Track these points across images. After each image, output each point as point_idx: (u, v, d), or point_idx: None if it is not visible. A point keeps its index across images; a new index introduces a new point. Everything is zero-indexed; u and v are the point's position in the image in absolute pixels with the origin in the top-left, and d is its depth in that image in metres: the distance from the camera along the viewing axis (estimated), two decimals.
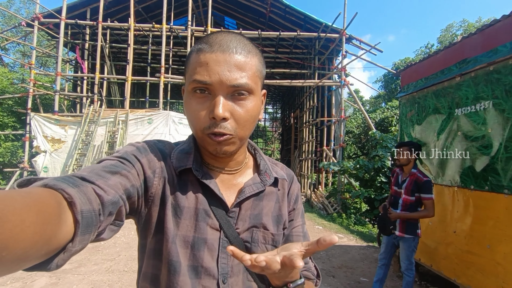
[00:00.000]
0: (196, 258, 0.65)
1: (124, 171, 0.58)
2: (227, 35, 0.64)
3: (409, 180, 3.01)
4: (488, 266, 2.76)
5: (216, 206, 0.68)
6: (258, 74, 0.67)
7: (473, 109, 3.02)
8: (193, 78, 0.62)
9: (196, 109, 0.63)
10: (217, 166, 0.73)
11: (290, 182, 0.84)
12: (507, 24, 2.71)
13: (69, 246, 0.43)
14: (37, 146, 10.20)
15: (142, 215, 0.65)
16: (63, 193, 0.42)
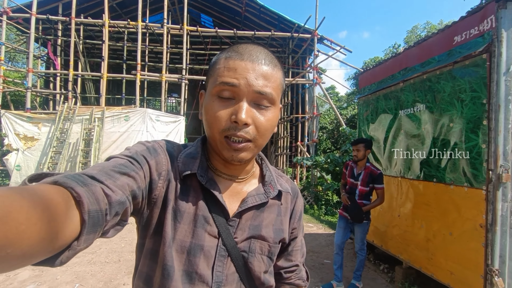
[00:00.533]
0: (191, 264, 0.65)
1: (133, 172, 0.58)
2: (256, 46, 0.67)
3: (364, 173, 3.43)
4: (422, 243, 3.30)
5: (217, 213, 0.68)
6: (281, 87, 0.69)
7: (412, 111, 3.54)
8: (220, 81, 0.63)
9: (218, 111, 0.63)
10: (224, 172, 0.73)
11: (294, 197, 0.85)
12: (436, 40, 3.23)
13: (74, 244, 0.43)
14: (8, 144, 9.99)
15: (144, 216, 0.66)
16: (72, 191, 0.43)
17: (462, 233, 2.79)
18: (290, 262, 0.86)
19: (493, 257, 2.48)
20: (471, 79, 2.73)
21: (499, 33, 2.51)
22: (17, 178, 9.84)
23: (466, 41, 2.83)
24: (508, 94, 2.50)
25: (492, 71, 2.54)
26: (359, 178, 3.46)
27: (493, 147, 2.51)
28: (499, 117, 2.50)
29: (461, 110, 2.83)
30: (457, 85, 2.89)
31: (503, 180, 2.47)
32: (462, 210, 2.80)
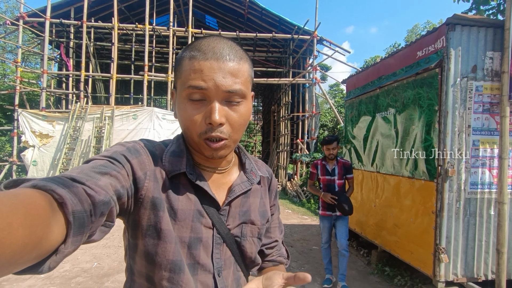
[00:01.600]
0: (193, 256, 0.68)
1: (114, 171, 0.58)
2: (219, 42, 0.66)
3: (339, 167, 3.60)
4: (391, 228, 3.83)
5: (208, 205, 0.71)
6: (250, 79, 0.70)
7: (385, 114, 4.05)
8: (188, 84, 0.63)
9: (191, 115, 0.65)
10: (208, 166, 0.76)
11: (270, 178, 0.90)
12: (405, 53, 3.72)
13: (61, 247, 0.42)
14: (25, 141, 10.67)
15: (131, 216, 0.66)
16: (53, 193, 0.42)
17: (420, 219, 3.31)
18: (270, 238, 0.90)
19: (440, 237, 3.00)
20: (427, 89, 3.23)
21: (448, 51, 3.00)
22: (34, 173, 10.55)
23: (425, 56, 3.32)
24: (455, 102, 3.00)
25: (442, 83, 3.04)
26: (335, 173, 3.58)
27: (442, 146, 3.02)
28: (447, 122, 3.00)
29: (420, 115, 3.33)
30: (418, 94, 3.39)
31: (449, 174, 2.97)
32: (420, 199, 3.31)
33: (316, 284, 3.82)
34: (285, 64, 14.37)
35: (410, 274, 3.82)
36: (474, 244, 3.06)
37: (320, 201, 3.67)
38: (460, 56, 3.00)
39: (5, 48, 19.19)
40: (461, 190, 3.03)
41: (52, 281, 3.75)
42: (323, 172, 3.65)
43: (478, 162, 3.05)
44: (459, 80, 3.00)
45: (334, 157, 3.61)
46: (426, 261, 3.14)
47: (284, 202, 9.82)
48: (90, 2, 11.81)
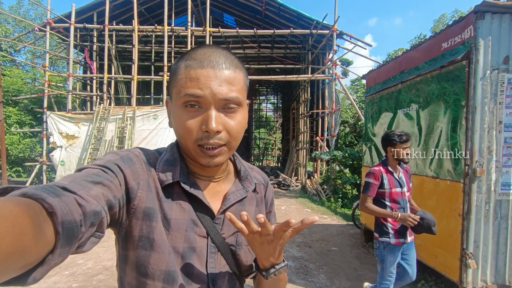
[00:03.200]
0: (187, 266, 0.67)
1: (107, 181, 0.57)
2: (214, 50, 0.67)
3: (404, 174, 2.69)
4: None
5: (202, 214, 0.70)
6: (245, 87, 0.70)
7: (408, 110, 3.84)
8: (184, 92, 0.63)
9: (188, 123, 0.64)
10: (203, 174, 0.75)
11: (266, 186, 0.88)
12: (428, 45, 3.51)
13: (49, 258, 0.41)
14: (53, 142, 11.17)
15: (123, 226, 0.65)
16: (43, 203, 0.41)
17: (445, 222, 3.11)
18: None
19: (468, 242, 2.80)
20: (453, 83, 3.02)
21: (476, 41, 2.78)
22: (62, 172, 11.02)
23: (451, 48, 3.11)
24: (484, 97, 2.78)
25: (470, 76, 2.82)
26: (404, 183, 2.64)
27: (470, 144, 2.81)
28: (476, 118, 2.79)
29: (446, 111, 3.13)
30: (443, 88, 3.18)
31: (478, 174, 2.77)
32: (446, 201, 3.12)
33: (334, 287, 3.71)
34: (304, 60, 14.13)
35: (435, 279, 3.62)
36: (505, 249, 2.84)
37: (389, 225, 2.59)
38: (490, 47, 2.78)
39: (34, 54, 20.21)
40: (491, 191, 2.81)
41: (76, 278, 3.88)
42: (392, 183, 2.59)
43: (510, 161, 2.82)
44: (489, 72, 2.78)
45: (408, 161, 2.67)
46: (452, 266, 2.95)
47: (303, 201, 9.68)
48: (112, 6, 12.14)
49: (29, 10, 22.01)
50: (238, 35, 12.43)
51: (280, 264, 0.71)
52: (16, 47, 15.74)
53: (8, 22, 19.77)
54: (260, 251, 0.67)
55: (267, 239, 0.62)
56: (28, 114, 13.65)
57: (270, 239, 0.62)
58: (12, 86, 13.92)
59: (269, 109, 31.87)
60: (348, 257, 4.70)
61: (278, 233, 0.60)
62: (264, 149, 28.94)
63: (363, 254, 4.83)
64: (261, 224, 0.58)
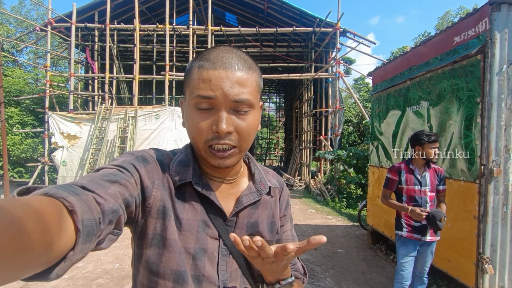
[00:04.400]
0: (198, 268, 0.67)
1: (123, 180, 0.59)
2: (228, 51, 0.67)
3: (430, 174, 2.66)
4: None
5: (215, 215, 0.70)
6: (258, 88, 0.70)
7: (417, 108, 3.70)
8: (196, 94, 0.64)
9: (199, 123, 0.65)
10: (216, 176, 0.75)
11: (281, 189, 0.87)
12: (439, 40, 3.36)
13: (70, 254, 0.43)
14: (55, 142, 11.11)
15: (138, 225, 0.66)
16: (64, 201, 0.43)
17: (459, 224, 2.97)
18: None
19: (484, 246, 2.66)
20: (467, 79, 2.87)
21: (492, 34, 2.64)
22: (64, 172, 10.96)
23: (464, 42, 2.96)
24: (501, 93, 2.64)
25: (485, 71, 2.68)
26: (427, 182, 2.64)
27: (486, 143, 2.67)
28: (492, 115, 2.65)
29: (459, 108, 2.98)
30: (455, 84, 3.03)
31: (495, 174, 2.62)
32: (459, 202, 2.97)
33: None
34: (307, 59, 13.98)
35: (447, 284, 3.48)
36: None
37: (403, 220, 2.70)
38: (507, 40, 2.63)
39: (36, 54, 20.19)
40: (509, 192, 2.66)
41: (75, 282, 3.77)
42: (410, 180, 2.66)
43: None
44: (506, 67, 2.63)
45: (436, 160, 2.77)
46: (467, 271, 2.81)
47: (307, 201, 9.53)
48: (113, 5, 12.07)
49: (31, 10, 22.06)
50: (240, 33, 12.30)
51: (286, 280, 0.70)
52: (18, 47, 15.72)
53: (10, 23, 19.79)
54: (262, 269, 0.65)
55: (268, 260, 0.59)
56: (30, 114, 13.61)
57: (271, 261, 0.59)
58: (14, 86, 13.89)
59: (271, 108, 31.74)
60: (355, 260, 4.57)
61: (279, 256, 0.57)
62: (267, 148, 28.80)
63: (370, 257, 4.69)
64: (259, 248, 0.55)
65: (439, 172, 2.68)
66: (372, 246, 5.05)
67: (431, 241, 2.63)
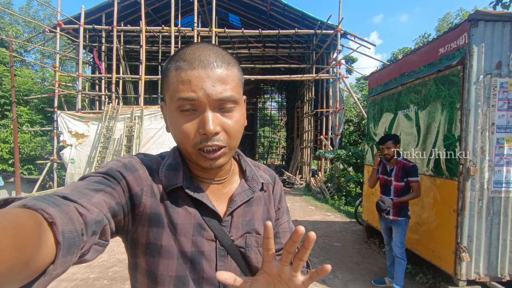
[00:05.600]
0: (196, 271, 0.67)
1: (109, 188, 0.57)
2: (204, 49, 0.64)
3: (397, 167, 3.30)
4: (413, 226, 3.82)
5: (209, 217, 0.69)
6: (240, 83, 0.68)
7: (407, 111, 4.02)
8: (177, 97, 0.61)
9: (184, 127, 0.63)
10: (206, 177, 0.73)
11: (273, 183, 0.87)
12: (427, 50, 3.67)
13: (50, 269, 0.41)
14: (63, 141, 11.48)
15: (130, 233, 0.65)
16: (43, 213, 0.41)
17: (441, 218, 3.29)
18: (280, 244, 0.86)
19: (462, 236, 2.99)
20: (449, 87, 3.19)
21: (470, 48, 2.96)
22: (72, 170, 11.34)
23: (447, 53, 3.27)
24: (478, 100, 2.96)
25: (464, 81, 3.00)
26: (392, 174, 3.34)
27: (464, 145, 2.99)
28: (469, 120, 2.97)
29: (442, 112, 3.30)
30: (440, 91, 3.35)
31: (471, 173, 2.95)
32: (441, 198, 3.30)
33: (337, 279, 3.91)
34: (309, 60, 14.28)
35: (432, 273, 3.80)
36: (498, 243, 3.02)
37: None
38: (484, 53, 2.95)
39: (44, 54, 20.60)
40: (484, 188, 2.99)
41: (92, 270, 4.13)
42: (382, 170, 3.51)
43: (502, 161, 2.99)
44: (482, 77, 2.95)
45: (390, 157, 3.38)
46: (447, 260, 3.14)
47: (307, 199, 9.87)
48: (120, 7, 12.41)
49: (38, 11, 22.47)
50: (244, 35, 12.62)
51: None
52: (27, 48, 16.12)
53: (18, 23, 20.23)
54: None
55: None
56: (39, 113, 14.01)
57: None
58: (22, 86, 14.28)
59: (273, 107, 32.03)
60: (351, 252, 4.90)
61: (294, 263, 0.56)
62: (269, 147, 29.13)
63: (365, 250, 5.03)
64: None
65: (405, 166, 3.28)
66: (367, 240, 5.38)
67: (394, 220, 3.31)
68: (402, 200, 3.25)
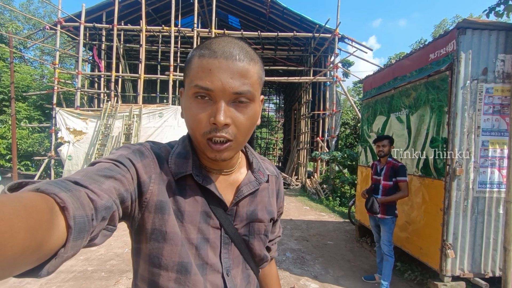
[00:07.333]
0: (201, 257, 0.69)
1: (119, 175, 0.58)
2: (230, 41, 0.65)
3: (386, 167, 3.47)
4: (403, 225, 3.96)
5: (215, 206, 0.72)
6: (259, 81, 0.68)
7: (399, 114, 4.16)
8: (195, 83, 0.62)
9: (196, 114, 0.64)
10: (214, 168, 0.75)
11: (278, 178, 0.91)
12: (418, 55, 3.83)
13: (61, 252, 0.42)
14: (61, 137, 11.53)
15: (135, 220, 0.66)
16: (55, 197, 0.42)
17: (429, 216, 3.43)
18: (274, 234, 0.95)
19: (447, 234, 3.13)
20: (438, 91, 3.34)
21: (458, 54, 3.10)
22: (69, 167, 11.39)
23: (437, 59, 3.43)
24: (464, 104, 3.11)
25: (452, 85, 3.14)
26: (382, 173, 3.50)
27: (451, 146, 3.13)
28: (456, 123, 3.11)
29: (431, 116, 3.45)
30: (429, 95, 3.50)
31: (457, 173, 3.09)
32: (429, 197, 3.44)
33: (328, 275, 4.03)
34: (306, 63, 14.46)
35: (420, 270, 3.94)
36: (481, 241, 3.16)
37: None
38: (471, 59, 3.09)
39: (43, 51, 20.62)
40: (469, 188, 3.13)
41: (90, 263, 4.22)
42: (374, 171, 3.71)
43: (487, 162, 3.14)
44: (469, 82, 3.10)
45: (383, 155, 3.53)
46: (434, 256, 3.28)
47: (303, 199, 10.01)
48: (120, 6, 12.51)
49: (39, 8, 22.54)
50: (243, 37, 12.75)
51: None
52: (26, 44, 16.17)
53: (18, 20, 20.26)
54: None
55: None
56: (37, 109, 14.05)
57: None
58: (21, 82, 14.32)
59: (271, 109, 32.21)
60: (343, 250, 5.03)
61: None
62: (266, 148, 29.27)
63: (356, 248, 5.16)
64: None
65: (394, 166, 3.42)
66: (359, 239, 5.52)
67: (381, 218, 3.43)
68: (388, 200, 3.38)
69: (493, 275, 3.16)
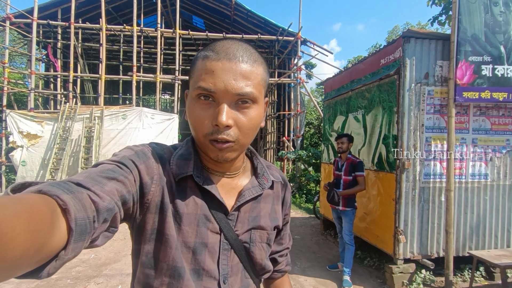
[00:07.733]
0: (197, 262, 0.67)
1: (121, 176, 0.58)
2: (234, 43, 0.66)
3: (346, 163, 3.77)
4: (362, 216, 4.30)
5: (216, 210, 0.70)
6: (263, 83, 0.68)
7: (356, 114, 4.52)
8: (198, 85, 0.63)
9: (199, 115, 0.64)
10: (217, 170, 0.74)
11: (284, 186, 0.88)
12: (371, 60, 4.19)
13: (62, 254, 0.42)
14: (13, 141, 10.74)
15: (136, 221, 0.66)
16: (57, 199, 0.42)
17: (383, 206, 3.79)
18: (282, 245, 0.91)
19: (399, 221, 3.49)
20: (388, 93, 3.71)
21: (404, 60, 3.48)
22: (23, 173, 10.64)
23: (387, 64, 3.79)
24: (410, 104, 3.49)
25: (400, 88, 3.51)
26: (342, 169, 3.79)
27: (400, 142, 3.50)
28: (404, 121, 3.48)
29: (383, 115, 3.81)
30: (381, 96, 3.86)
31: (406, 166, 3.46)
32: (384, 189, 3.80)
33: (296, 267, 4.27)
34: (271, 64, 14.81)
35: (378, 256, 4.32)
36: (427, 226, 3.56)
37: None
38: (415, 65, 3.48)
39: None
40: (416, 180, 3.52)
41: None
42: (335, 167, 3.99)
43: (430, 156, 3.55)
44: (414, 85, 3.48)
45: (343, 151, 3.81)
46: (389, 243, 3.63)
47: None
48: (78, 3, 11.91)
49: None
50: (208, 38, 12.77)
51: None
52: None
53: None
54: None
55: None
56: None
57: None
58: None
59: None
60: (309, 243, 5.31)
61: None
62: None
63: (321, 241, 5.47)
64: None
65: (353, 162, 3.73)
66: (324, 232, 5.85)
67: (342, 210, 3.74)
68: (348, 192, 3.70)
69: (438, 255, 3.58)
